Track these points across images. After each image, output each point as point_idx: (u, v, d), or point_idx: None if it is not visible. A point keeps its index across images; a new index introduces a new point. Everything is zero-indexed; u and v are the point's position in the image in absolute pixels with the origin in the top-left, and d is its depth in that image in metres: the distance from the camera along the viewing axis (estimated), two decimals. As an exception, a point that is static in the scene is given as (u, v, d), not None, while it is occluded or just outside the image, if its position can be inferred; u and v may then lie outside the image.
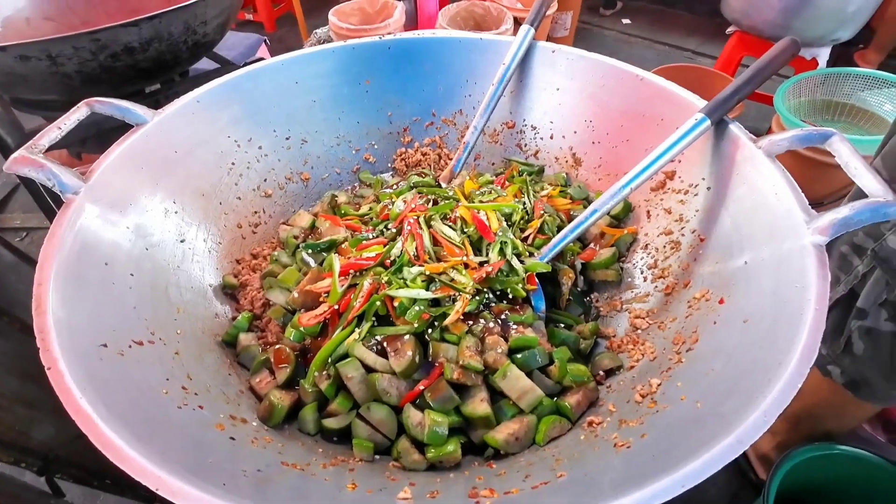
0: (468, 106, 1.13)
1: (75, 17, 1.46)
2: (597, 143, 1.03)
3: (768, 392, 0.49)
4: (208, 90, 0.92)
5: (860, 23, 2.10)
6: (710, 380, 0.60)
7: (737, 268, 0.71)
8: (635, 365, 0.76)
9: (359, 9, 2.13)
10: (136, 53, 1.04)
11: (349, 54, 1.06)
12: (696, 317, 0.73)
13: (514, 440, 0.69)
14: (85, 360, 0.57)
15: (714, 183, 0.81)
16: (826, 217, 0.61)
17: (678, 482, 0.45)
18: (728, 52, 2.42)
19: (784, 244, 0.64)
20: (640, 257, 0.92)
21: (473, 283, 0.77)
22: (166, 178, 0.85)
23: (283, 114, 1.04)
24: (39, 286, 0.60)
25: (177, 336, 0.73)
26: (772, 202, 0.68)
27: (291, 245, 0.96)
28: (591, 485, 0.53)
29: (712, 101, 0.78)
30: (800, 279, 0.58)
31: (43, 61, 0.95)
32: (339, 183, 1.14)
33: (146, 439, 0.50)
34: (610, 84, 0.98)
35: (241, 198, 0.99)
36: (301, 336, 0.79)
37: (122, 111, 0.82)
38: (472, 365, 0.70)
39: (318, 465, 0.64)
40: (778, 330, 0.56)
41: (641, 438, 0.57)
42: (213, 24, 1.16)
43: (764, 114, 2.46)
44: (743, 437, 0.47)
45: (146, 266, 0.77)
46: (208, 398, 0.67)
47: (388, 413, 0.71)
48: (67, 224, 0.67)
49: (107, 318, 0.65)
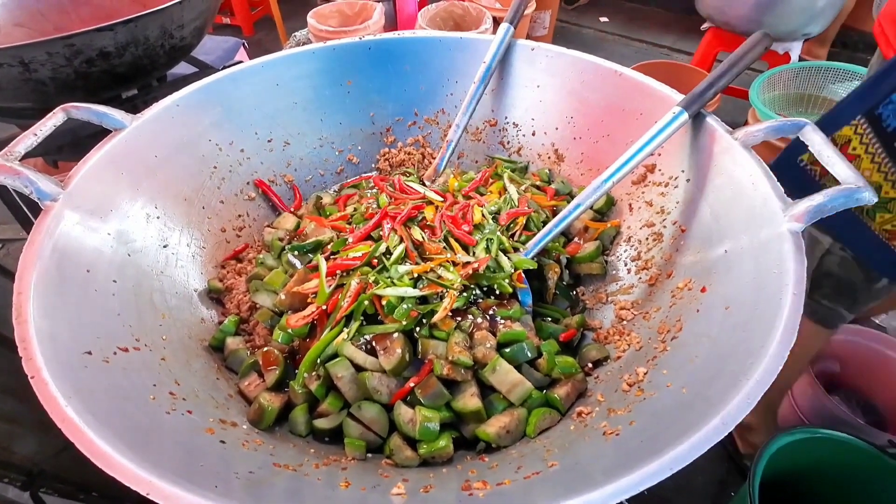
0: (450, 105, 1.13)
1: (48, 23, 1.43)
2: (578, 139, 1.04)
3: (751, 374, 0.51)
4: (188, 93, 0.92)
5: (830, 17, 2.16)
6: (695, 366, 0.61)
7: (717, 256, 0.72)
8: (622, 355, 0.77)
9: (338, 11, 2.12)
10: (112, 58, 1.02)
11: (330, 55, 1.06)
12: (679, 306, 0.74)
13: (506, 433, 0.69)
14: (69, 368, 0.56)
15: (693, 175, 0.83)
16: (801, 204, 0.63)
17: (666, 465, 0.45)
18: (704, 48, 2.46)
19: (762, 232, 0.65)
20: (623, 250, 0.93)
21: (461, 279, 0.78)
22: (147, 183, 0.84)
23: (265, 116, 1.03)
24: (20, 295, 0.59)
25: (163, 342, 0.73)
26: (749, 191, 0.70)
27: (277, 248, 0.95)
28: (583, 472, 0.54)
29: (689, 94, 0.80)
30: (778, 265, 0.60)
31: (15, 67, 0.93)
32: (324, 184, 1.14)
33: (135, 446, 0.50)
34: (589, 80, 0.99)
35: (225, 201, 0.98)
36: (289, 338, 0.78)
37: (99, 116, 0.81)
38: (461, 360, 0.71)
39: (310, 465, 0.63)
40: (758, 314, 0.58)
41: (630, 426, 0.59)
42: (190, 28, 1.15)
43: (740, 108, 2.51)
44: (727, 418, 0.48)
45: (129, 272, 0.76)
46: (197, 403, 0.66)
47: (379, 411, 0.71)
48: (46, 231, 0.66)
49: (90, 326, 0.64)
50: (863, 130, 0.82)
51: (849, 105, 0.84)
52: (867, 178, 0.65)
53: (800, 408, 1.29)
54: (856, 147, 0.85)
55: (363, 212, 0.94)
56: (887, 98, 0.78)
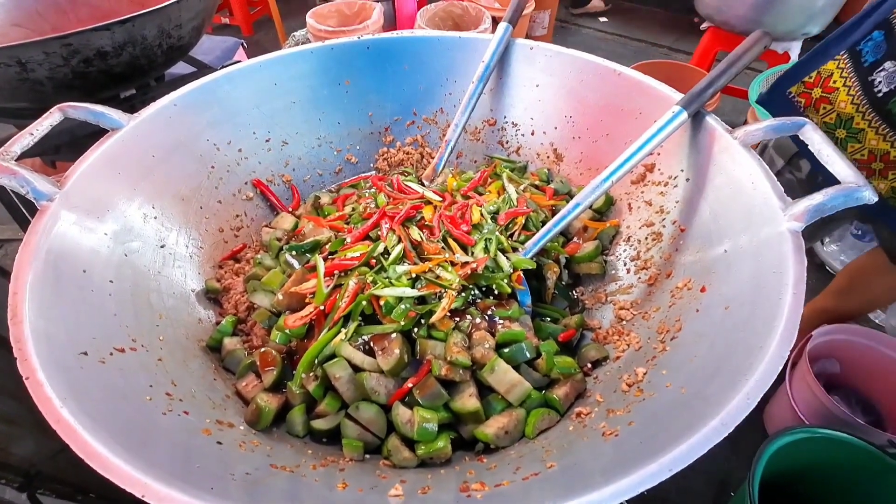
0: (449, 104, 1.13)
1: (45, 23, 1.43)
2: (577, 138, 1.04)
3: (751, 375, 0.50)
4: (185, 93, 0.91)
5: (829, 17, 2.15)
6: (694, 366, 0.61)
7: (717, 256, 0.72)
8: (621, 355, 0.76)
9: (337, 11, 2.12)
10: (110, 58, 1.02)
11: (328, 55, 1.06)
12: (679, 305, 0.74)
13: (504, 434, 0.69)
14: (65, 369, 0.55)
15: (692, 174, 0.82)
16: (801, 204, 0.62)
17: (666, 466, 0.45)
18: (703, 48, 2.46)
19: (762, 231, 0.65)
20: (622, 249, 0.93)
21: (459, 279, 0.77)
22: (144, 183, 0.84)
23: (263, 116, 1.03)
24: (15, 295, 0.59)
25: (159, 342, 0.72)
26: (748, 191, 0.70)
27: (274, 248, 0.95)
28: (582, 473, 0.54)
29: (688, 93, 0.79)
30: (778, 265, 0.60)
31: (13, 67, 0.93)
32: (322, 184, 1.13)
33: (131, 447, 0.50)
34: (588, 79, 0.99)
35: (222, 201, 0.98)
36: (287, 338, 0.78)
37: (96, 116, 0.81)
38: (459, 361, 0.71)
39: (307, 466, 0.63)
40: (758, 314, 0.58)
41: (629, 426, 0.58)
42: (188, 28, 1.14)
43: (740, 108, 2.51)
44: (727, 419, 0.47)
45: (126, 272, 0.75)
46: (194, 404, 0.66)
47: (377, 412, 0.71)
48: (43, 231, 0.66)
49: (86, 326, 0.63)
50: (844, 65, 0.88)
51: (835, 40, 0.90)
52: (841, 109, 0.68)
53: (799, 407, 1.29)
54: (836, 80, 0.89)
55: (361, 212, 0.94)
56: (868, 35, 0.84)
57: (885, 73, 0.83)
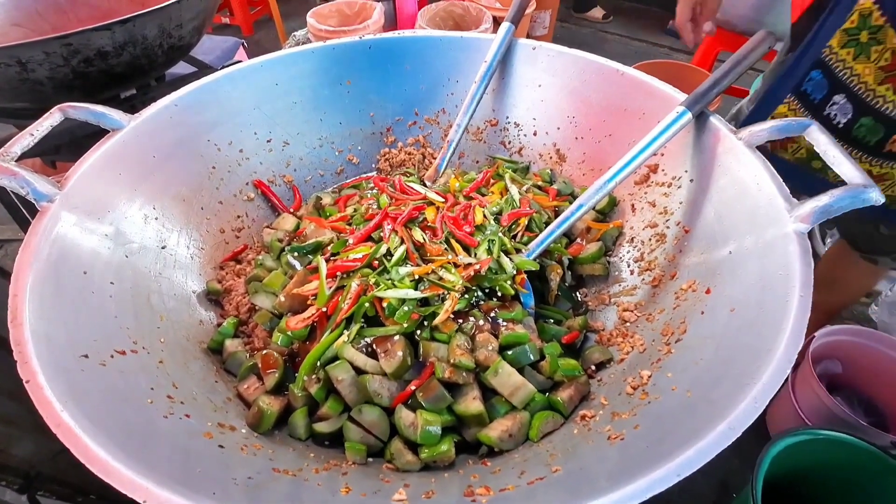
0: (451, 105, 1.13)
1: (45, 23, 1.42)
2: (580, 139, 1.03)
3: (758, 378, 0.50)
4: (186, 93, 0.91)
5: (830, 17, 2.15)
6: (700, 369, 0.61)
7: (722, 257, 0.71)
8: (625, 357, 0.76)
9: (337, 10, 2.11)
10: (110, 58, 1.01)
11: (329, 55, 1.05)
12: (683, 307, 0.73)
13: (508, 437, 0.68)
14: (65, 371, 0.55)
15: (697, 175, 0.82)
16: (807, 205, 0.62)
17: (673, 472, 0.45)
18: (704, 48, 2.46)
19: (767, 232, 0.65)
20: (626, 251, 0.93)
21: (462, 281, 0.77)
22: (145, 184, 0.83)
23: (264, 116, 1.03)
24: (15, 297, 0.58)
25: (160, 344, 0.72)
26: (754, 192, 0.69)
27: (276, 249, 0.94)
28: (587, 478, 0.53)
29: (692, 94, 0.79)
30: (784, 266, 0.59)
31: (13, 67, 0.92)
32: (323, 185, 1.13)
33: (131, 451, 0.49)
34: (591, 79, 0.99)
35: (223, 202, 0.98)
36: (289, 340, 0.78)
37: (96, 116, 0.80)
38: (463, 363, 0.70)
39: (310, 470, 0.62)
40: (764, 317, 0.57)
41: (634, 430, 0.58)
42: (188, 27, 1.14)
43: (741, 108, 2.50)
44: (735, 423, 0.47)
45: (127, 274, 0.75)
46: (195, 406, 0.65)
47: (379, 415, 0.70)
48: (43, 233, 0.65)
49: (87, 328, 0.63)
50: (795, 106, 0.91)
51: (778, 87, 0.93)
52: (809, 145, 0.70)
53: (801, 408, 1.28)
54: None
55: (363, 213, 0.93)
56: (807, 76, 0.87)
57: (837, 105, 0.86)
